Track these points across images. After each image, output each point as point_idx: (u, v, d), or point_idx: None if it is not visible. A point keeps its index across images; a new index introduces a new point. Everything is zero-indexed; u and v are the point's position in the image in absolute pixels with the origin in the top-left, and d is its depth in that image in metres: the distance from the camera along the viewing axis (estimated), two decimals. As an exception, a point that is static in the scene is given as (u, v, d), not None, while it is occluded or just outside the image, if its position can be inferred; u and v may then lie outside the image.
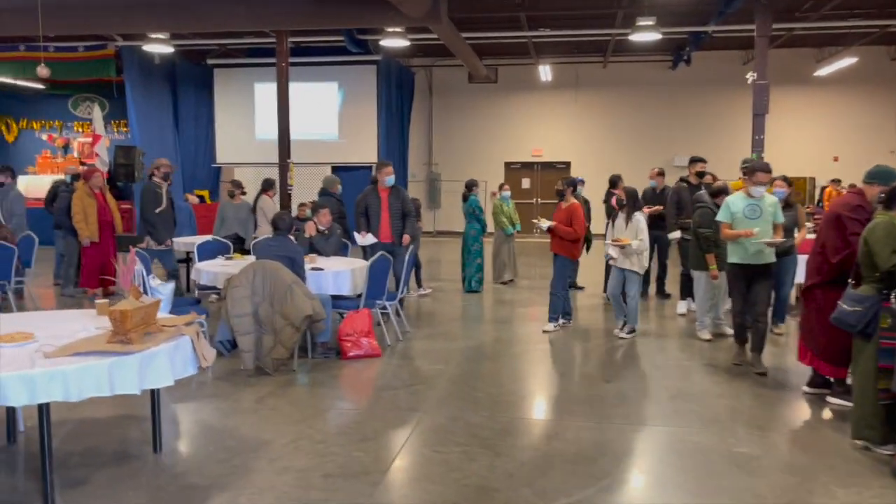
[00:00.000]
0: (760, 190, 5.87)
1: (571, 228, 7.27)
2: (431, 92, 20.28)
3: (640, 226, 6.96)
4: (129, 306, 3.65)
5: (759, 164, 6.04)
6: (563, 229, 7.30)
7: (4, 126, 20.40)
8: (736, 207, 5.92)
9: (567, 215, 7.33)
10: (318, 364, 6.17)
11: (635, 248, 6.92)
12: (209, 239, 8.10)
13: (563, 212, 7.39)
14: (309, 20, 9.89)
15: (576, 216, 7.29)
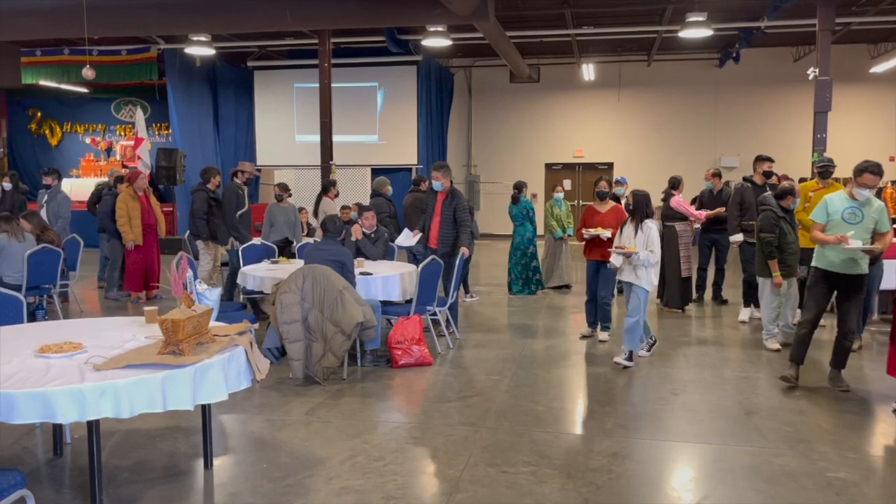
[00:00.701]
0: (866, 193, 5.22)
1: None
2: (470, 92, 20.01)
3: (651, 235, 6.04)
4: (181, 315, 3.44)
5: (868, 165, 5.20)
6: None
7: (48, 129, 20.65)
8: (834, 209, 5.30)
9: (615, 217, 6.83)
10: (368, 373, 5.93)
11: (642, 259, 5.99)
12: (256, 242, 7.94)
13: (609, 214, 6.92)
14: (354, 19, 9.70)
15: (624, 218, 6.62)
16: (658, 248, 6.05)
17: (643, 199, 6.18)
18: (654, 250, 6.00)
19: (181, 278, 3.58)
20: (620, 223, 6.46)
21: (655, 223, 6.13)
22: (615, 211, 6.95)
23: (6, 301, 4.41)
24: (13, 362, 3.26)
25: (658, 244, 6.06)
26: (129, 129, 20.14)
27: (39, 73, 15.78)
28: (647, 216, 6.11)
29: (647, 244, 6.01)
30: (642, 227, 6.07)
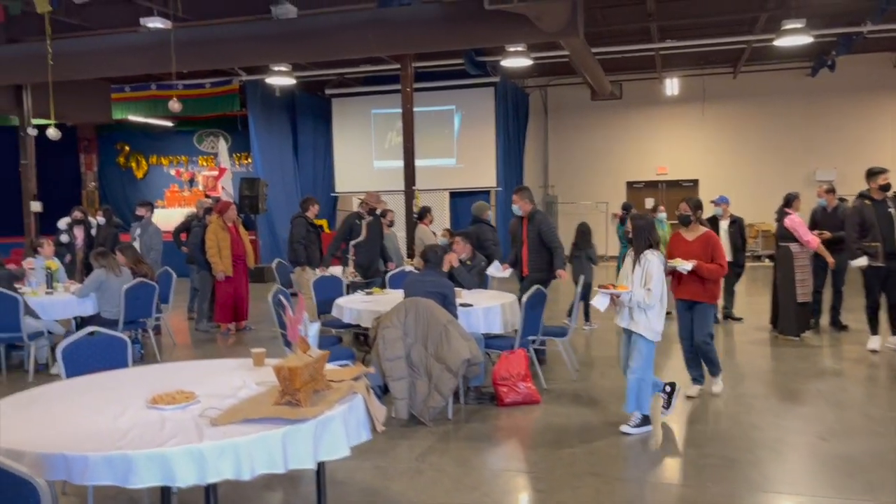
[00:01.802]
0: None
1: (716, 265, 5.53)
2: (546, 112, 19.66)
3: (649, 269, 4.91)
4: (298, 362, 3.17)
5: None
6: (707, 268, 5.51)
7: (135, 162, 21.33)
8: None
9: (705, 248, 5.59)
10: (473, 412, 5.58)
11: (635, 299, 4.90)
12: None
13: (697, 243, 5.64)
14: (439, 42, 9.50)
15: (717, 248, 5.59)
16: (658, 285, 4.89)
17: (643, 226, 5.08)
18: (653, 289, 4.88)
19: (297, 321, 3.32)
20: (709, 254, 5.56)
21: (658, 255, 5.00)
22: (704, 239, 5.67)
23: (112, 343, 4.27)
24: (126, 414, 3.06)
25: (658, 281, 4.90)
26: (210, 160, 20.60)
27: (128, 108, 16.29)
28: (648, 246, 5.01)
29: (644, 281, 4.93)
30: (640, 261, 5.00)
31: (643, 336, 4.97)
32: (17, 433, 2.85)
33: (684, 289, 5.74)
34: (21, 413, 3.18)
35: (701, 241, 5.66)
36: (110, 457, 2.60)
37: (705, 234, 5.69)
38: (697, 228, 5.76)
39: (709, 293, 5.68)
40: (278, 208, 15.96)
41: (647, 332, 4.96)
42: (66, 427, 2.93)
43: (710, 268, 5.54)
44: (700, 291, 5.65)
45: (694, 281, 5.62)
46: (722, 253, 5.64)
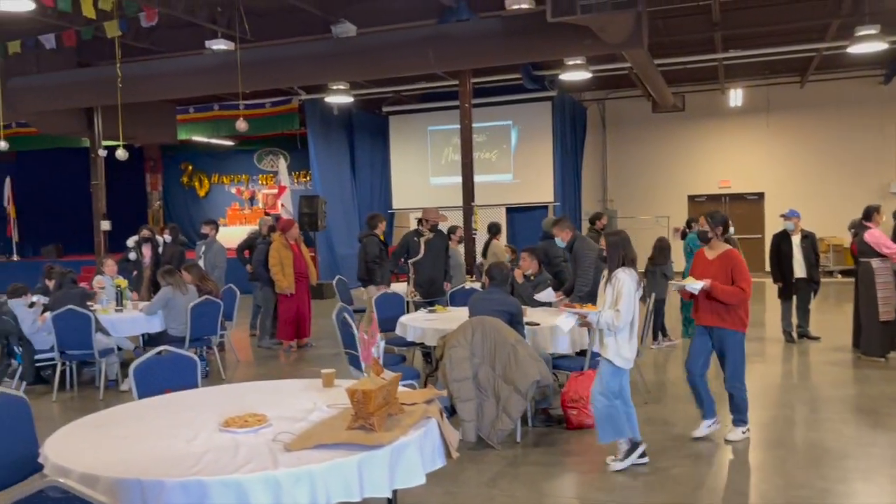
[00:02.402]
0: None
1: (736, 287, 4.91)
2: (605, 125, 19.37)
3: (621, 289, 4.47)
4: (372, 385, 3.08)
5: None
6: (724, 290, 4.91)
7: (198, 181, 21.90)
8: None
9: (724, 268, 4.99)
10: (541, 434, 5.40)
11: (606, 321, 4.46)
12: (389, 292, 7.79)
13: (716, 263, 5.04)
14: (499, 56, 9.43)
15: (738, 268, 4.95)
16: (628, 307, 4.44)
17: (617, 242, 4.62)
18: (622, 310, 4.43)
19: (371, 342, 3.23)
20: (729, 275, 4.97)
21: (631, 274, 4.54)
22: (724, 258, 5.03)
23: (182, 361, 4.27)
24: (199, 438, 3.01)
25: (628, 302, 4.44)
26: (270, 179, 20.99)
27: (192, 129, 16.70)
28: (622, 264, 4.57)
29: (615, 301, 4.51)
30: (612, 279, 4.57)
31: (610, 362, 4.58)
32: (91, 457, 2.83)
33: (703, 312, 5.12)
34: (94, 435, 3.17)
35: (721, 259, 5.04)
36: (186, 483, 2.54)
37: (726, 252, 5.06)
38: (719, 246, 5.12)
39: (733, 317, 5.00)
40: (336, 225, 16.10)
41: (615, 359, 4.55)
42: (141, 451, 2.89)
43: (728, 290, 4.91)
44: (721, 315, 5.00)
45: (714, 303, 5.02)
46: (744, 274, 4.96)
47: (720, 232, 5.11)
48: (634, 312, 4.53)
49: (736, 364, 5.08)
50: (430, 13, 9.97)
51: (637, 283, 4.56)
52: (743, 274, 4.96)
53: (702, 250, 5.27)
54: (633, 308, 4.51)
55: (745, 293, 4.93)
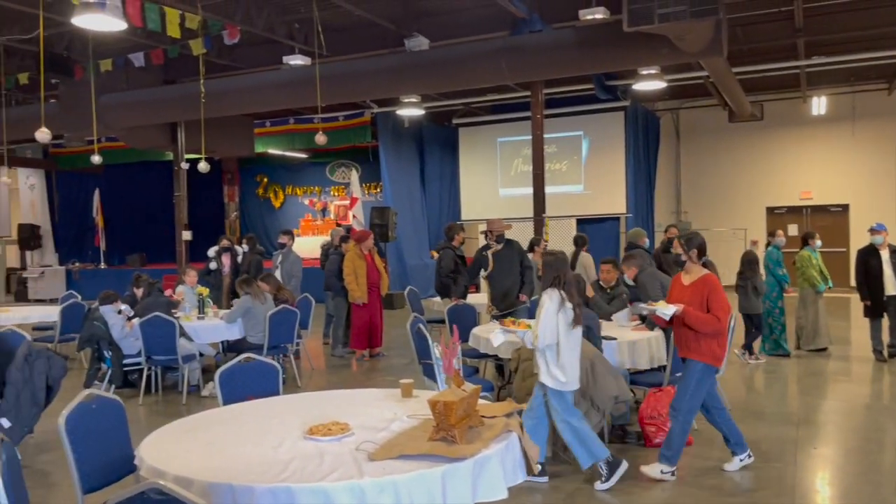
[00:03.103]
0: None
1: (711, 316, 4.52)
2: (679, 136, 18.93)
3: (541, 311, 4.41)
4: (453, 396, 3.08)
5: None
6: (697, 317, 4.53)
7: (273, 193, 22.51)
8: None
9: (698, 294, 4.59)
10: (619, 452, 5.26)
11: (529, 340, 4.49)
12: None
13: (691, 288, 4.66)
14: (573, 67, 9.37)
15: (714, 294, 4.53)
16: (546, 329, 4.36)
17: (552, 262, 4.49)
18: (539, 332, 4.37)
19: (452, 353, 3.23)
20: (704, 302, 4.57)
21: (552, 297, 4.41)
22: (699, 283, 4.63)
23: (264, 369, 4.37)
24: (284, 445, 3.07)
25: (546, 324, 4.36)
26: (341, 190, 21.39)
27: (269, 142, 17.21)
28: (553, 285, 4.43)
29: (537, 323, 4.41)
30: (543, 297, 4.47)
31: (545, 385, 4.48)
32: (183, 460, 2.93)
33: (677, 341, 4.77)
34: (185, 439, 3.28)
35: (696, 285, 4.63)
36: (275, 489, 2.60)
37: (702, 277, 4.63)
38: (696, 271, 4.69)
39: (702, 349, 4.57)
40: (406, 236, 16.26)
41: (546, 379, 4.44)
42: (230, 456, 2.97)
43: (701, 317, 4.51)
44: (689, 345, 4.62)
45: (685, 332, 4.63)
46: (720, 302, 4.52)
47: (695, 255, 4.67)
48: (555, 336, 4.39)
49: (687, 393, 4.66)
50: (502, 25, 9.99)
51: (560, 305, 4.40)
52: (719, 302, 4.54)
53: (678, 276, 4.94)
54: (552, 330, 4.38)
55: (719, 322, 4.52)
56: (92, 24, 8.00)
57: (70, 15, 7.48)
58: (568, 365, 4.45)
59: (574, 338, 4.49)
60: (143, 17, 8.30)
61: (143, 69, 11.41)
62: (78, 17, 7.30)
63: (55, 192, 20.95)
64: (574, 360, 4.50)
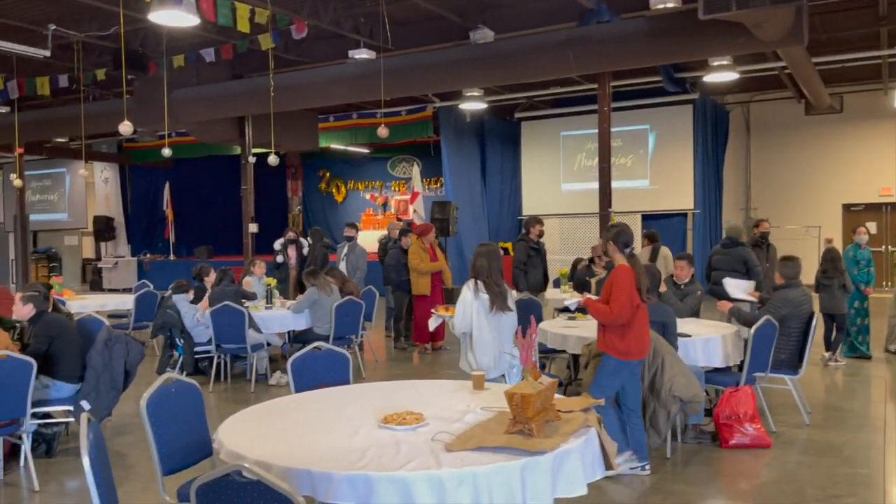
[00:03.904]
0: None
1: (605, 306, 4.44)
2: (749, 129, 18.30)
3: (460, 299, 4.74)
4: (531, 389, 3.00)
5: None
6: (594, 308, 4.51)
7: (335, 188, 22.77)
8: None
9: (609, 285, 4.51)
10: (693, 452, 5.12)
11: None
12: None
13: (607, 283, 4.58)
14: (643, 58, 9.13)
15: (617, 286, 4.38)
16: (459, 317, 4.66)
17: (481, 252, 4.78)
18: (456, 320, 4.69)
19: (530, 346, 3.16)
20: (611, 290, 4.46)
21: (469, 287, 4.66)
22: (611, 276, 4.55)
23: (335, 358, 4.38)
24: (360, 433, 3.05)
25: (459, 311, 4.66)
26: (402, 185, 21.48)
27: (332, 137, 17.39)
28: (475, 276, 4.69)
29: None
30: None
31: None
32: (261, 445, 2.94)
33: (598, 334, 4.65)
34: (261, 425, 3.29)
35: (610, 277, 4.57)
36: (352, 477, 2.57)
37: (616, 270, 4.49)
38: (619, 262, 4.53)
39: (605, 341, 4.48)
40: (466, 231, 16.19)
41: (462, 364, 4.80)
42: (307, 443, 2.97)
43: (597, 308, 4.46)
44: (601, 339, 4.54)
45: (599, 324, 4.56)
46: (619, 294, 4.35)
47: (617, 248, 4.49)
48: (470, 326, 4.67)
49: (596, 383, 4.51)
50: (569, 16, 9.79)
51: (475, 294, 4.66)
52: (618, 293, 4.36)
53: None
54: (467, 318, 4.66)
55: (611, 314, 4.38)
56: (167, 20, 8.20)
57: (146, 11, 7.66)
58: (481, 352, 4.68)
59: (493, 325, 4.69)
60: (216, 12, 8.44)
61: (213, 65, 11.64)
62: (154, 13, 7.48)
63: (128, 185, 21.71)
64: (489, 347, 4.70)
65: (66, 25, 10.48)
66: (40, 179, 22.36)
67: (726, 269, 7.42)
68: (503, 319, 4.70)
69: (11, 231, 18.96)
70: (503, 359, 4.74)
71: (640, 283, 4.42)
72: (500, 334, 4.70)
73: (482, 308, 4.65)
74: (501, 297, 4.68)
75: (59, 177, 22.24)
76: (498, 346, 4.69)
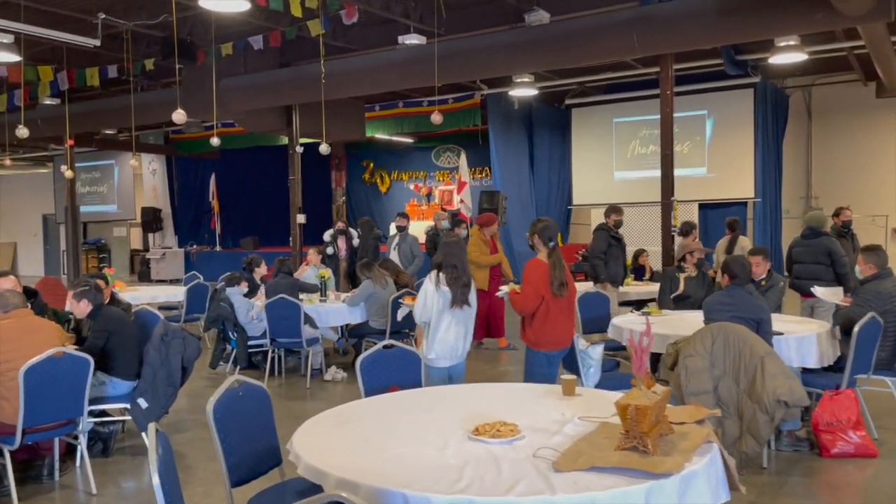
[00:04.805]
0: None
1: (519, 296, 4.68)
2: (810, 114, 17.49)
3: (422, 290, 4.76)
4: (646, 400, 2.65)
5: None
6: (512, 298, 4.76)
7: (379, 178, 22.54)
8: None
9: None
10: (792, 461, 4.69)
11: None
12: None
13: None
14: (712, 37, 8.60)
15: (526, 276, 4.65)
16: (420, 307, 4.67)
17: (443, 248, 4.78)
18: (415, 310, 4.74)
19: (645, 351, 2.80)
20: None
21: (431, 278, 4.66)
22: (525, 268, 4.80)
23: (407, 357, 4.08)
24: (451, 446, 2.73)
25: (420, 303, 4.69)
26: (446, 175, 21.14)
27: (378, 126, 17.11)
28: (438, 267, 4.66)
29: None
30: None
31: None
32: (343, 460, 2.64)
33: None
34: (338, 434, 3.00)
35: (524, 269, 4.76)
36: (455, 502, 2.25)
37: (529, 262, 4.72)
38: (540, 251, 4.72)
39: (522, 333, 4.74)
40: (514, 221, 15.76)
41: (420, 352, 4.59)
42: (394, 457, 2.66)
43: (512, 298, 4.73)
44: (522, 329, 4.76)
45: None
46: (525, 286, 4.61)
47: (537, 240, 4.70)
48: (428, 316, 4.65)
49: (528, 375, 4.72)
50: (629, -5, 9.34)
51: (436, 286, 4.62)
52: (525, 285, 4.63)
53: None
54: (428, 309, 4.63)
55: (520, 300, 4.64)
56: (218, 6, 8.00)
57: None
58: (439, 343, 4.67)
59: (452, 318, 4.66)
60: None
61: (260, 53, 11.43)
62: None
63: (175, 176, 21.77)
64: (447, 339, 4.68)
65: (115, 14, 10.38)
66: (90, 171, 22.59)
67: (809, 262, 6.92)
68: (460, 314, 4.70)
69: (63, 222, 19.18)
70: (459, 350, 4.77)
71: (553, 277, 4.55)
72: (459, 326, 4.72)
73: (443, 300, 4.65)
74: (465, 291, 4.69)
75: (108, 169, 22.44)
76: (456, 338, 4.72)
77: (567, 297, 4.65)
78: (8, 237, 26.12)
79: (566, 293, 4.62)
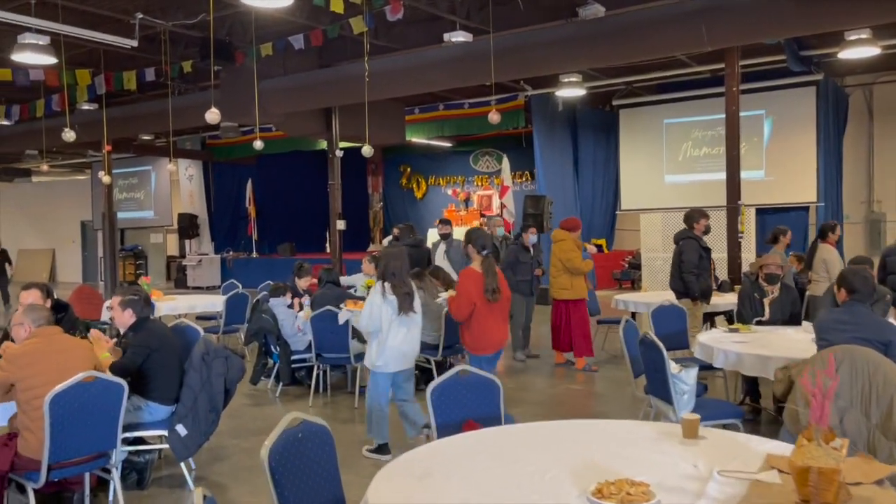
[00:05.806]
0: None
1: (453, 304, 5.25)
2: (871, 114, 16.57)
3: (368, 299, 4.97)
4: (830, 461, 2.05)
5: None
6: (449, 303, 5.41)
7: (415, 183, 22.07)
8: None
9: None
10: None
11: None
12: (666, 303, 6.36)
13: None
14: (789, 27, 7.94)
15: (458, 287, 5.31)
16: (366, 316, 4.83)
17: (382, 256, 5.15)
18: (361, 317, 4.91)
19: (827, 396, 2.19)
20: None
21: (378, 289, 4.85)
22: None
23: (484, 385, 3.51)
24: (571, 514, 2.17)
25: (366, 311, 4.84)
26: (485, 180, 20.58)
27: (418, 130, 16.64)
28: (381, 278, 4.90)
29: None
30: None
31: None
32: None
33: None
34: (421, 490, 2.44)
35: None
36: None
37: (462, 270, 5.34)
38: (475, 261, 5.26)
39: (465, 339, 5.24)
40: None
41: (365, 360, 5.07)
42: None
43: (449, 302, 5.36)
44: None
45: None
46: (457, 294, 5.20)
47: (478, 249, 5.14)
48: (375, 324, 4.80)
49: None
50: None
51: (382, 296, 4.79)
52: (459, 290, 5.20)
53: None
54: (375, 318, 4.78)
55: (451, 308, 5.25)
56: (260, 2, 7.59)
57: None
58: (390, 349, 4.86)
59: (400, 326, 4.85)
60: (311, -9, 7.75)
61: (299, 53, 11.02)
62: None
63: (211, 182, 21.56)
64: (397, 346, 4.87)
65: (152, 14, 10.05)
66: (127, 178, 22.50)
67: None
68: (409, 320, 4.91)
69: (100, 229, 19.03)
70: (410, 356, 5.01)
71: (487, 284, 5.00)
72: (408, 333, 4.93)
73: (391, 309, 4.81)
74: (409, 298, 4.88)
75: (145, 174, 22.32)
76: (404, 343, 4.91)
77: (500, 303, 5.08)
78: (47, 244, 26.21)
79: (499, 298, 5.04)
